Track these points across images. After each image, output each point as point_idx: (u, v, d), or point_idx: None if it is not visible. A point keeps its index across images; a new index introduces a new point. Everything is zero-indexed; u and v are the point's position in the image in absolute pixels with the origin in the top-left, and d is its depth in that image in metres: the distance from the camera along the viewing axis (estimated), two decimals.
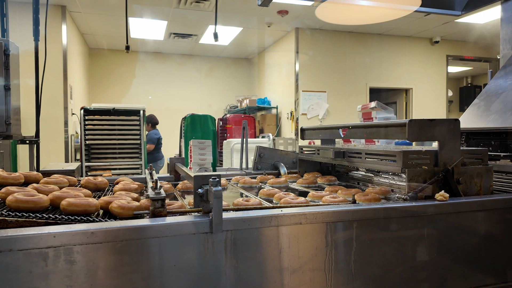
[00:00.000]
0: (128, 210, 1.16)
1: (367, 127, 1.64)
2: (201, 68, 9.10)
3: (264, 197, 1.56)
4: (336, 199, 1.36)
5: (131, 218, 1.14)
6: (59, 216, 1.07)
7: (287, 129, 7.51)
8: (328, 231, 1.13)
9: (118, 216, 1.15)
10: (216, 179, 1.05)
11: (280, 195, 1.47)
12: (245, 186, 1.93)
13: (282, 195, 1.46)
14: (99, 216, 1.18)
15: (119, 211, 1.16)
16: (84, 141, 4.20)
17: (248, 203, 1.25)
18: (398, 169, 1.38)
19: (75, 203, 1.13)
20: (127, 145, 4.37)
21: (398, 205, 1.23)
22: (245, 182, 1.95)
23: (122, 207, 1.16)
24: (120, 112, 4.35)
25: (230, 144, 5.04)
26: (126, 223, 1.01)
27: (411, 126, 1.35)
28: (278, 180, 1.94)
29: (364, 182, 1.98)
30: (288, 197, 1.40)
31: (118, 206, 1.16)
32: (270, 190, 1.61)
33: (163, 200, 1.09)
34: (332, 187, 1.65)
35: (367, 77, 7.45)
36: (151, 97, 8.62)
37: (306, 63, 7.10)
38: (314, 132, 2.22)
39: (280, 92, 7.78)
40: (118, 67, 8.46)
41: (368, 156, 1.61)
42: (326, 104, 7.17)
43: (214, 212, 1.01)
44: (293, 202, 1.31)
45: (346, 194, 1.51)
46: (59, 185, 1.48)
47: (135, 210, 1.17)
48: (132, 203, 1.21)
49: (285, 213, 1.10)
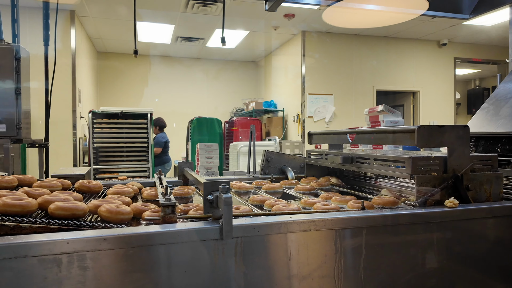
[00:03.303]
0: (117, 215, 1.16)
1: (375, 132, 1.64)
2: (208, 71, 9.14)
3: (255, 203, 1.55)
4: (328, 206, 1.35)
5: (121, 223, 1.15)
6: (45, 220, 1.06)
7: (293, 132, 7.50)
8: (337, 238, 1.13)
9: (107, 221, 1.15)
10: (226, 185, 1.06)
11: (272, 201, 1.46)
12: (240, 192, 1.92)
13: (273, 202, 1.45)
14: (89, 220, 1.18)
15: (107, 215, 1.15)
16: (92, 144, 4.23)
17: (237, 210, 1.25)
18: (407, 175, 1.37)
19: (63, 207, 1.12)
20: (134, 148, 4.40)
21: (407, 211, 1.23)
22: (240, 187, 1.94)
23: (110, 211, 1.16)
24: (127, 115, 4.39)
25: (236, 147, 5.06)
26: (137, 229, 1.02)
27: (420, 132, 1.34)
28: (272, 186, 1.94)
29: (371, 188, 1.98)
30: (280, 204, 1.39)
31: (106, 210, 1.16)
32: (261, 196, 1.60)
33: (173, 206, 1.10)
34: (326, 194, 1.64)
35: (374, 79, 7.43)
36: (158, 100, 8.68)
37: (312, 66, 7.11)
38: (321, 137, 2.23)
39: (287, 95, 7.79)
40: (126, 71, 8.54)
41: (376, 162, 1.61)
42: (333, 107, 7.16)
43: (224, 219, 1.02)
44: (284, 209, 1.31)
45: (340, 201, 1.50)
46: (52, 188, 1.47)
47: (124, 214, 1.17)
48: (121, 207, 1.21)
49: (294, 220, 1.11)
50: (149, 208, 1.29)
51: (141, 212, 1.26)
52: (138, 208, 1.28)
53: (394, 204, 1.43)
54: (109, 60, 8.42)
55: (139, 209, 1.28)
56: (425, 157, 1.37)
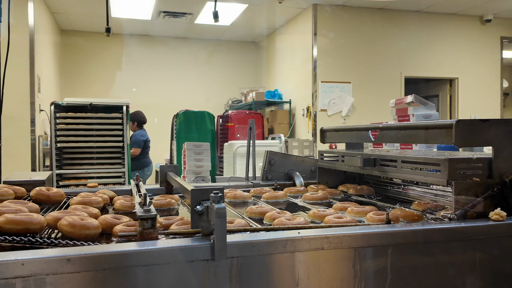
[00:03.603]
0: (81, 229, 1.15)
1: (402, 128, 1.65)
2: (198, 54, 9.14)
3: (253, 216, 1.55)
4: (342, 219, 1.35)
5: (87, 239, 1.14)
6: None
7: (302, 129, 7.50)
8: (357, 258, 1.13)
9: (69, 237, 1.15)
10: (219, 194, 1.05)
11: (273, 214, 1.46)
12: (235, 202, 1.92)
13: (275, 214, 1.46)
14: (47, 236, 1.18)
15: (70, 230, 1.15)
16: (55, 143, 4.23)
17: (230, 225, 1.25)
18: (442, 181, 1.38)
19: (14, 220, 1.11)
20: (107, 148, 4.39)
21: (443, 226, 1.23)
22: (235, 197, 1.94)
23: (73, 225, 1.15)
24: (98, 109, 4.38)
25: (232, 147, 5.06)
26: (109, 248, 1.02)
27: (459, 128, 1.34)
28: (275, 194, 1.94)
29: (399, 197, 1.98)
30: (283, 216, 1.39)
31: (68, 223, 1.16)
32: (260, 207, 1.60)
33: (153, 219, 1.10)
34: (341, 204, 1.65)
35: (402, 64, 7.43)
36: (136, 90, 8.68)
37: (326, 47, 7.11)
38: (337, 134, 2.23)
39: (294, 84, 7.79)
40: (96, 54, 8.54)
41: (405, 164, 1.61)
42: (351, 98, 7.16)
43: (216, 234, 1.02)
44: (289, 223, 1.31)
45: (357, 213, 1.49)
46: (2, 197, 1.47)
47: (90, 229, 1.17)
48: (87, 220, 1.20)
49: (303, 236, 1.11)
50: (122, 222, 1.29)
51: (112, 226, 1.26)
52: (108, 221, 1.28)
53: (419, 220, 1.43)
54: (76, 41, 8.42)
55: (110, 223, 1.27)
56: (465, 158, 1.37)
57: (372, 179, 2.29)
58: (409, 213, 1.45)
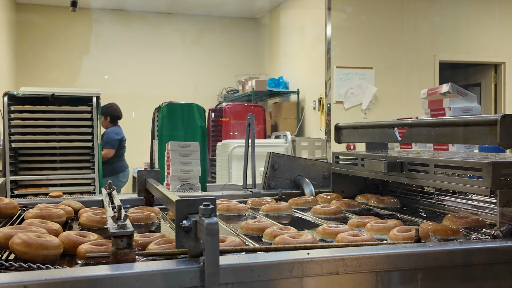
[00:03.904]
0: (38, 249, 1.15)
1: (436, 125, 1.65)
2: (185, 34, 9.14)
3: (250, 233, 1.56)
4: (359, 237, 1.35)
5: (45, 261, 1.14)
6: None
7: (313, 125, 7.50)
8: (379, 285, 1.13)
9: (23, 258, 1.15)
10: (210, 205, 1.06)
11: (274, 230, 1.46)
12: (229, 215, 1.92)
13: (277, 230, 1.46)
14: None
15: (24, 250, 1.15)
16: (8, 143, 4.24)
17: (222, 243, 1.25)
18: (484, 189, 1.38)
19: None
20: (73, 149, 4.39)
21: (485, 245, 1.24)
22: (229, 209, 1.94)
23: (28, 244, 1.15)
24: (62, 100, 4.38)
25: (227, 147, 5.06)
26: (75, 272, 1.02)
27: (506, 124, 1.35)
28: (277, 206, 1.94)
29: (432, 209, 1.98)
30: (286, 233, 1.39)
31: (22, 242, 1.16)
32: (258, 222, 1.60)
33: (130, 237, 1.10)
34: (358, 219, 1.65)
35: (436, 46, 7.42)
36: (109, 77, 8.68)
37: (342, 25, 7.09)
38: (355, 131, 2.23)
39: (303, 70, 7.78)
40: (60, 33, 8.53)
41: (439, 169, 1.61)
42: (373, 88, 7.15)
43: (207, 256, 1.02)
44: (293, 241, 1.31)
45: (378, 230, 1.49)
46: None
47: (49, 248, 1.16)
48: (45, 238, 1.20)
49: (313, 257, 1.11)
50: (88, 240, 1.29)
51: (76, 245, 1.26)
52: (71, 239, 1.28)
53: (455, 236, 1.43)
54: (34, 17, 8.42)
55: (73, 241, 1.28)
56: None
57: (399, 188, 2.29)
58: (442, 228, 1.45)
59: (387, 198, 2.10)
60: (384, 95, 7.23)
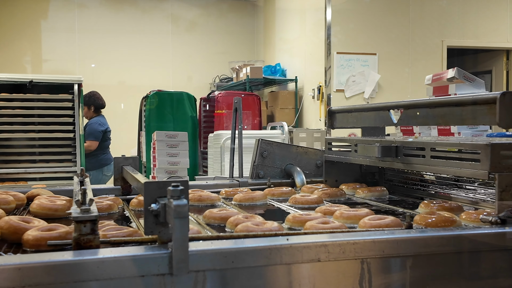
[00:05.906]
0: None
1: (432, 105, 1.65)
2: (176, 18, 9.11)
3: (212, 222, 1.58)
4: (327, 224, 1.36)
5: None
6: None
7: (312, 115, 7.50)
8: (365, 272, 1.12)
9: None
10: (180, 187, 1.04)
11: (238, 218, 1.47)
12: (200, 206, 1.92)
13: (241, 218, 1.46)
14: None
15: None
16: None
17: None
18: (482, 173, 1.37)
19: None
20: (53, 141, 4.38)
21: (481, 231, 1.24)
22: (200, 199, 1.94)
23: None
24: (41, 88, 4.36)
25: (219, 139, 5.05)
26: (32, 258, 1.01)
27: (506, 102, 1.34)
28: (251, 196, 1.95)
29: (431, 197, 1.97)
30: (250, 221, 1.40)
31: None
32: (223, 211, 1.62)
33: (93, 222, 1.09)
34: (327, 207, 1.67)
35: (444, 30, 7.42)
36: (95, 65, 8.66)
37: (343, 8, 7.07)
38: (349, 115, 2.23)
39: (302, 56, 7.77)
40: (39, 14, 8.49)
41: (435, 153, 1.60)
42: (376, 75, 7.14)
43: (175, 241, 1.01)
44: (256, 229, 1.31)
45: (347, 217, 1.51)
46: None
47: None
48: None
49: (293, 243, 1.10)
50: (34, 226, 1.27)
51: (21, 231, 1.24)
52: (11, 224, 1.26)
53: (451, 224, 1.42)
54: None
55: (15, 227, 1.25)
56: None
57: (396, 177, 2.28)
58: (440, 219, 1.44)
59: (375, 188, 2.10)
60: (388, 83, 7.22)
